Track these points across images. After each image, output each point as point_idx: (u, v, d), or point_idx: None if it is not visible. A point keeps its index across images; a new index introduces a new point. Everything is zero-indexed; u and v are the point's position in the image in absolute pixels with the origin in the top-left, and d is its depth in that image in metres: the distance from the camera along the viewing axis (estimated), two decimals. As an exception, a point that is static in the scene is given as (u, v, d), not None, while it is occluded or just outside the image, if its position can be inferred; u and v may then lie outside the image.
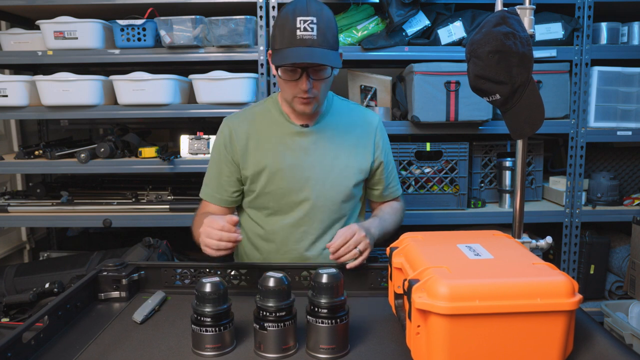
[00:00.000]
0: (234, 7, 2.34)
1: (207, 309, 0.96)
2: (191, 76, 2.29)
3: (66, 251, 2.78)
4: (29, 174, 3.01)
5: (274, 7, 2.28)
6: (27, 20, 2.62)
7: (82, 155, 2.27)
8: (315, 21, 1.29)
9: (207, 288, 0.97)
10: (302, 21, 1.29)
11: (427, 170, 2.40)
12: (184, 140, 2.39)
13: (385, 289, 1.25)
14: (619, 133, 2.40)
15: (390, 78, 2.38)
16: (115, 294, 1.24)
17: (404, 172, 2.39)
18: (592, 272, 2.52)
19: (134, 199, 2.46)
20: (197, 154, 2.37)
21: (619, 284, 2.56)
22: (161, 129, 3.16)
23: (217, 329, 0.97)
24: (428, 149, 2.37)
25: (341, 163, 1.50)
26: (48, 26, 2.25)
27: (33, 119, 2.94)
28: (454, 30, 2.32)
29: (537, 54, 2.26)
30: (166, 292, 1.27)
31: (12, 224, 2.66)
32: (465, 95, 2.20)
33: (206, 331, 0.96)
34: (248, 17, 2.22)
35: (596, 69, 2.37)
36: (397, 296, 1.11)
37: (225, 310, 0.98)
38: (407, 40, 2.32)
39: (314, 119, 1.50)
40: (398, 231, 1.37)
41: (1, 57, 2.37)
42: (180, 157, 2.37)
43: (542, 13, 2.36)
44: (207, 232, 1.20)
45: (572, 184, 2.43)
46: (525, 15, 1.29)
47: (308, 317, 0.98)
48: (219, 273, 1.30)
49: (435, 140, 2.40)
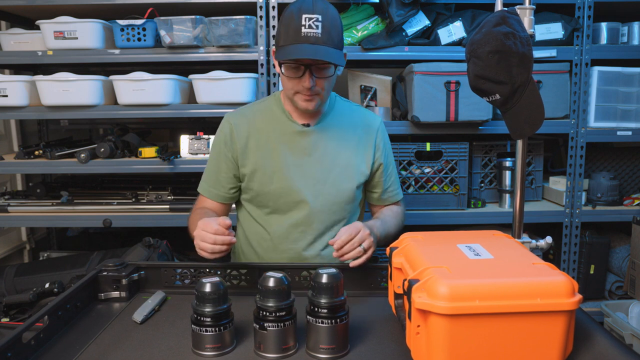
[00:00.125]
0: (234, 7, 2.34)
1: (207, 309, 0.96)
2: (191, 76, 2.29)
3: (66, 251, 2.78)
4: (29, 174, 3.01)
5: (274, 7, 2.28)
6: (27, 20, 2.62)
7: (82, 155, 2.27)
8: (320, 19, 1.30)
9: (207, 288, 0.97)
10: (307, 18, 1.29)
11: (427, 170, 2.40)
12: (184, 140, 2.39)
13: (385, 289, 1.25)
14: (619, 133, 2.40)
15: (390, 78, 2.38)
16: (115, 294, 1.24)
17: (404, 172, 2.39)
18: (592, 272, 2.52)
19: (134, 199, 2.46)
20: (197, 154, 2.37)
21: (619, 284, 2.56)
22: (161, 129, 3.16)
23: (217, 329, 0.97)
24: (428, 149, 2.37)
25: (341, 164, 1.49)
26: (48, 26, 2.25)
27: (33, 119, 2.94)
28: (454, 30, 2.32)
29: (537, 54, 2.26)
30: (166, 292, 1.27)
31: (12, 224, 2.66)
32: (465, 95, 2.20)
33: (206, 331, 0.96)
34: (248, 17, 2.22)
35: (596, 69, 2.37)
36: (397, 296, 1.11)
37: (225, 310, 0.98)
38: (407, 40, 2.32)
39: (316, 119, 1.49)
40: (394, 237, 1.35)
41: (1, 57, 2.37)
42: (180, 157, 2.37)
43: (542, 13, 2.36)
44: (202, 235, 1.20)
45: (572, 184, 2.43)
46: (525, 15, 1.29)
47: (308, 317, 0.98)
48: (219, 273, 1.30)
49: (435, 140, 2.40)
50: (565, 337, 0.87)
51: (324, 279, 0.96)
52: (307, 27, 1.29)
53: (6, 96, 2.25)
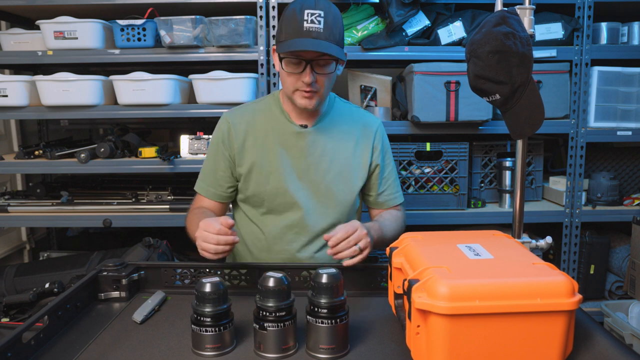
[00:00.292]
0: (234, 7, 2.34)
1: (207, 309, 0.96)
2: (191, 76, 2.30)
3: (66, 251, 2.78)
4: (29, 174, 3.01)
5: (274, 7, 2.28)
6: (27, 20, 2.62)
7: (82, 155, 2.27)
8: (322, 15, 1.29)
9: (207, 288, 0.97)
10: (309, 14, 1.29)
11: (427, 170, 2.40)
12: (184, 140, 2.39)
13: (385, 289, 1.25)
14: (619, 133, 2.40)
15: (390, 78, 2.38)
16: (115, 294, 1.24)
17: (404, 172, 2.39)
18: (592, 272, 2.52)
19: (134, 199, 2.46)
20: (197, 154, 2.37)
21: (619, 284, 2.56)
22: (161, 129, 3.16)
23: (217, 329, 0.96)
24: (428, 149, 2.38)
25: (338, 166, 1.48)
26: (48, 26, 2.25)
27: (33, 119, 2.94)
28: (454, 30, 2.32)
29: (537, 54, 2.26)
30: (166, 292, 1.27)
31: (12, 224, 2.66)
32: (465, 95, 2.20)
33: (206, 331, 0.96)
34: (248, 17, 2.22)
35: (596, 69, 2.37)
36: (397, 296, 1.11)
37: (225, 310, 0.98)
38: (407, 40, 2.32)
39: (314, 120, 1.48)
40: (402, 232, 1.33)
41: (1, 57, 2.37)
42: (180, 157, 2.37)
43: (542, 13, 2.36)
44: (204, 236, 1.19)
45: (572, 184, 2.43)
46: (525, 15, 1.29)
47: (308, 317, 0.98)
48: (219, 273, 1.30)
49: (435, 140, 2.40)
50: (565, 337, 0.87)
51: (324, 279, 0.96)
52: (309, 22, 1.28)
53: (6, 96, 2.25)
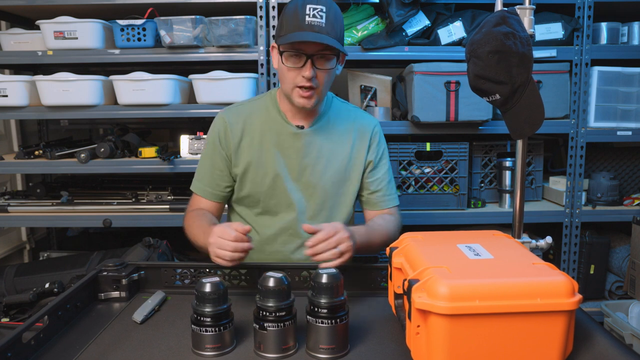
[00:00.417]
0: (234, 7, 2.34)
1: (207, 309, 0.96)
2: (191, 76, 2.29)
3: (66, 251, 2.78)
4: (29, 174, 3.01)
5: (274, 7, 2.28)
6: (27, 20, 2.62)
7: (82, 155, 2.27)
8: (324, 10, 1.29)
9: (207, 288, 0.97)
10: (311, 8, 1.28)
11: (427, 170, 2.40)
12: (184, 140, 2.39)
13: (385, 289, 1.25)
14: (619, 133, 2.40)
15: (390, 78, 2.38)
16: (115, 294, 1.24)
17: (404, 172, 2.39)
18: (592, 272, 2.52)
19: (134, 199, 2.46)
20: (197, 154, 2.37)
21: (619, 284, 2.56)
22: (161, 129, 3.16)
23: (217, 329, 0.97)
24: (428, 149, 2.37)
25: (334, 168, 1.47)
26: (48, 26, 2.25)
27: (33, 119, 2.94)
28: (454, 30, 2.32)
29: (537, 54, 2.26)
30: (166, 292, 1.26)
31: (12, 224, 2.66)
32: (465, 95, 2.20)
33: (206, 331, 0.96)
34: (248, 17, 2.22)
35: (596, 69, 2.37)
36: (397, 296, 1.11)
37: (225, 310, 0.98)
38: (407, 40, 2.32)
39: (311, 120, 1.47)
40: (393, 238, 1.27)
41: (1, 57, 2.37)
42: (180, 157, 2.37)
43: (542, 13, 2.36)
44: (220, 243, 1.16)
45: (572, 184, 2.43)
46: (525, 15, 1.29)
47: (308, 317, 0.98)
48: (218, 273, 1.30)
49: (435, 140, 2.40)
50: (565, 337, 0.87)
51: (324, 279, 0.96)
52: (311, 16, 1.28)
53: (6, 96, 2.25)
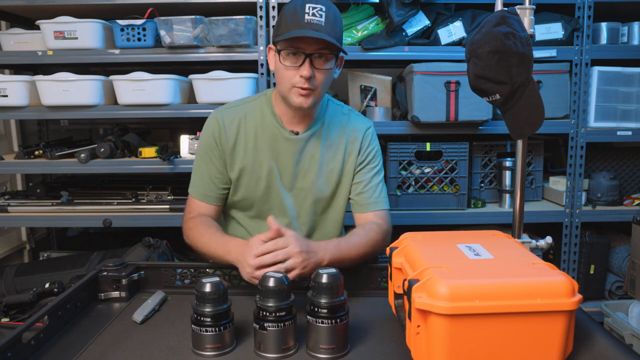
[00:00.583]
0: (234, 7, 2.34)
1: (207, 309, 0.96)
2: (191, 76, 2.29)
3: (66, 251, 2.78)
4: (29, 174, 3.01)
5: (274, 7, 2.28)
6: (27, 20, 2.62)
7: (82, 155, 2.27)
8: (324, 9, 1.28)
9: (207, 288, 0.97)
10: (311, 7, 1.27)
11: (427, 170, 2.40)
12: (184, 140, 2.39)
13: (385, 289, 1.25)
14: (619, 133, 2.40)
15: (390, 78, 2.38)
16: (115, 294, 1.24)
17: (404, 172, 2.39)
18: (592, 272, 2.52)
19: (134, 199, 2.46)
20: (197, 154, 2.37)
21: (619, 284, 2.56)
22: (161, 129, 3.16)
23: (217, 329, 0.96)
24: (428, 149, 2.38)
25: (327, 174, 1.46)
26: (48, 26, 2.25)
27: (33, 119, 2.94)
28: (454, 30, 2.32)
29: (537, 54, 2.26)
30: (166, 292, 1.26)
31: (12, 224, 2.66)
32: (465, 95, 2.20)
33: (206, 331, 0.96)
34: (248, 17, 2.22)
35: (596, 69, 2.37)
36: (397, 296, 1.11)
37: (225, 310, 0.98)
38: (407, 40, 2.32)
39: (305, 126, 1.44)
40: (393, 237, 1.25)
41: (1, 57, 2.37)
42: (180, 157, 2.37)
43: (542, 13, 2.36)
44: (262, 260, 1.13)
45: (572, 184, 2.43)
46: (525, 15, 1.29)
47: (308, 317, 0.98)
48: (219, 273, 1.30)
49: (435, 140, 2.40)
50: (565, 337, 0.87)
51: (324, 279, 0.96)
52: (310, 14, 1.26)
53: (6, 96, 2.25)
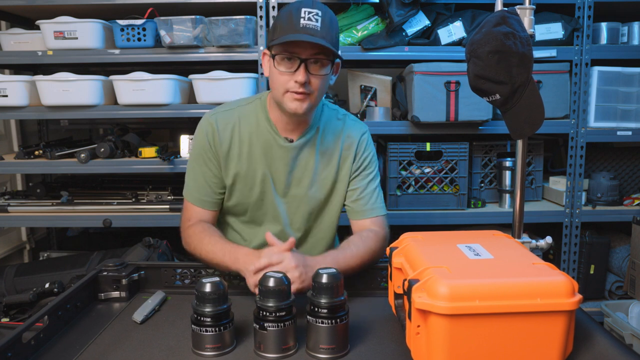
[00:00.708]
0: (234, 7, 2.34)
1: (207, 309, 0.96)
2: (191, 76, 2.30)
3: (66, 251, 2.78)
4: (29, 174, 3.01)
5: (274, 7, 2.28)
6: (27, 20, 2.63)
7: (82, 155, 2.27)
8: (320, 14, 1.26)
9: (207, 288, 0.97)
10: (307, 12, 1.25)
11: (427, 170, 2.40)
12: (184, 140, 2.39)
13: (385, 289, 1.25)
14: (619, 133, 2.40)
15: (390, 78, 2.38)
16: (115, 294, 1.24)
17: (404, 172, 2.39)
18: (592, 272, 2.52)
19: (134, 199, 2.46)
20: (197, 154, 2.37)
21: (619, 284, 2.56)
22: (161, 129, 3.16)
23: (217, 329, 0.97)
24: (428, 149, 2.38)
25: (321, 181, 1.44)
26: (48, 26, 2.25)
27: (33, 119, 2.94)
28: (454, 30, 2.32)
29: (537, 54, 2.26)
30: (166, 292, 1.26)
31: (12, 224, 2.66)
32: (465, 95, 2.20)
33: (206, 331, 0.96)
34: (248, 17, 2.22)
35: (596, 69, 2.37)
36: (397, 296, 1.11)
37: (225, 310, 0.98)
38: (407, 40, 2.32)
39: (300, 133, 1.42)
40: (394, 236, 1.25)
41: (1, 57, 2.37)
42: (180, 157, 2.37)
43: (542, 13, 2.36)
44: (257, 279, 1.11)
45: (572, 184, 2.43)
46: (525, 15, 1.29)
47: (308, 317, 0.98)
48: (218, 273, 1.30)
49: (435, 140, 2.40)
50: (565, 337, 0.87)
51: (324, 279, 0.96)
52: (306, 19, 1.25)
53: (6, 96, 2.25)
